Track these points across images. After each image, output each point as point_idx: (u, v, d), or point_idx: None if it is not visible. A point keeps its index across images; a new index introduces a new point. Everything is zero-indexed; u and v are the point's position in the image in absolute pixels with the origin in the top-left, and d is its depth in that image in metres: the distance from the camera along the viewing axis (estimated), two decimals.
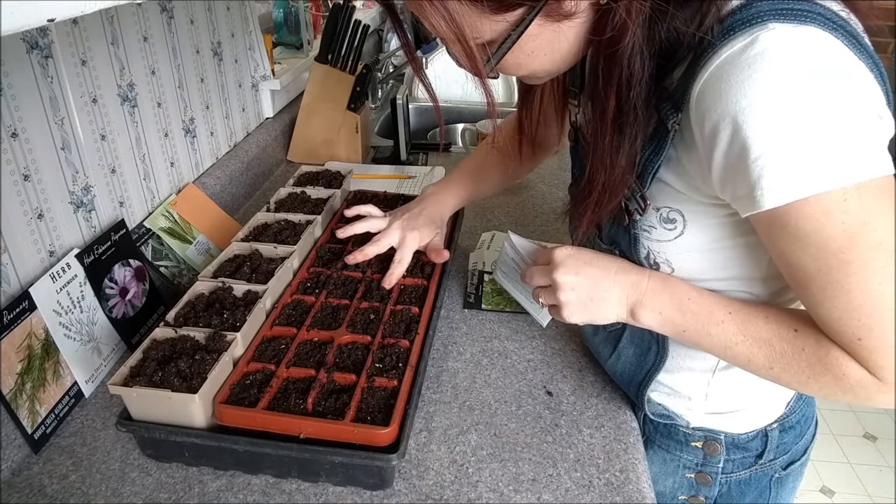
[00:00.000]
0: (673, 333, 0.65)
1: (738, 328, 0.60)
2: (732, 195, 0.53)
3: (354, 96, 1.47)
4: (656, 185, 0.60)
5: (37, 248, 0.78)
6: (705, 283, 0.64)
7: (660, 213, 0.62)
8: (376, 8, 2.40)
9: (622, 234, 0.67)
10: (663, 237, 0.63)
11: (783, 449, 0.76)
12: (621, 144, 0.57)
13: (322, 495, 0.68)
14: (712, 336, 0.62)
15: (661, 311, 0.64)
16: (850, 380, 0.55)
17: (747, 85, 0.47)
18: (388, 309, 0.84)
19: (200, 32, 1.17)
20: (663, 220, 0.62)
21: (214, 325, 0.78)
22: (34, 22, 0.36)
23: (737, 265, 0.62)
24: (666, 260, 0.64)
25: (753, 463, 0.76)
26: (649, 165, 0.59)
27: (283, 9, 1.59)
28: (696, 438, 0.76)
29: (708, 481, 0.77)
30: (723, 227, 0.60)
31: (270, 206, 1.09)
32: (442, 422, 0.77)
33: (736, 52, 0.48)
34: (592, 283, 0.66)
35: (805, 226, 0.50)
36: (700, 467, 0.77)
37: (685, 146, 0.56)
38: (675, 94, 0.54)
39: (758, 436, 0.74)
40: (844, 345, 0.55)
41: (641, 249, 0.65)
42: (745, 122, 0.48)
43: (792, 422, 0.76)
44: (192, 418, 0.68)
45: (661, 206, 0.61)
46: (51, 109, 0.79)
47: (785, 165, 0.48)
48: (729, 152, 0.50)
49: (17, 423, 0.71)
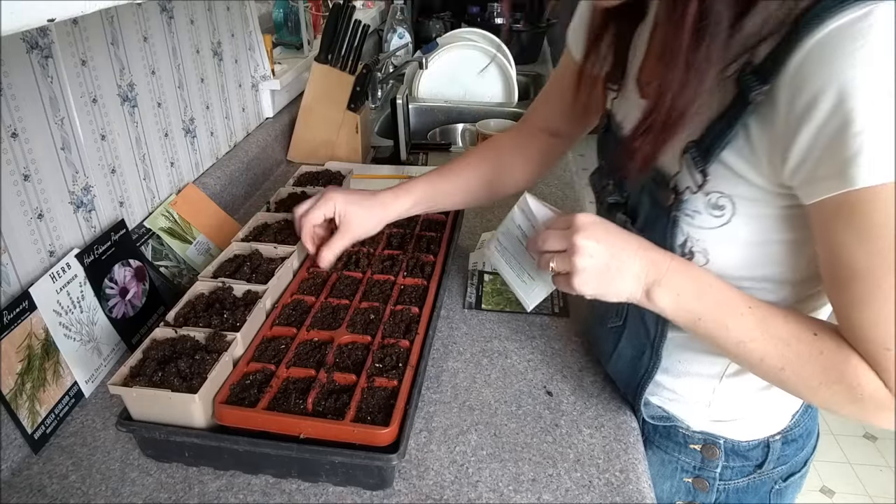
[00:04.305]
0: (686, 321, 0.61)
1: (757, 324, 0.58)
2: (809, 176, 0.51)
3: (354, 96, 1.47)
4: (713, 166, 0.58)
5: (37, 248, 0.78)
6: (736, 281, 0.62)
7: (709, 198, 0.59)
8: (376, 8, 2.40)
9: (660, 216, 0.64)
10: (707, 224, 0.60)
11: (784, 460, 0.75)
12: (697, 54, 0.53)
13: (322, 495, 0.68)
14: (729, 329, 0.59)
15: (679, 293, 0.60)
16: (864, 390, 0.54)
17: (858, 55, 0.45)
18: (388, 309, 0.84)
19: (200, 32, 1.17)
20: (711, 205, 0.59)
21: (214, 325, 0.78)
22: (34, 22, 0.36)
23: (773, 265, 0.61)
24: (703, 249, 0.62)
25: (752, 472, 0.75)
26: (718, 140, 0.56)
27: (283, 9, 1.59)
28: (695, 441, 0.76)
29: (705, 487, 0.77)
30: (770, 219, 0.58)
31: (270, 206, 1.09)
32: (442, 422, 0.77)
33: (847, 23, 0.46)
34: (613, 253, 0.61)
35: (876, 217, 0.48)
36: (698, 471, 0.77)
37: (761, 122, 0.53)
38: (764, 66, 0.52)
39: (759, 445, 0.74)
40: (870, 352, 0.53)
41: (679, 235, 0.62)
42: (851, 93, 0.46)
43: (795, 434, 0.75)
44: (192, 418, 0.68)
45: (712, 191, 0.59)
46: (51, 109, 0.79)
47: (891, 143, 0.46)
48: (825, 125, 0.48)
49: (17, 423, 0.71)
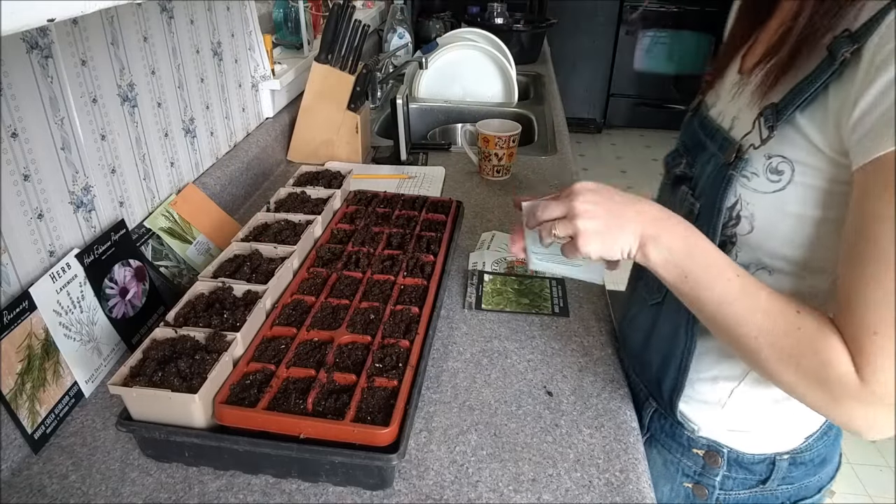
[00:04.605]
0: (674, 277, 0.62)
1: (741, 290, 0.59)
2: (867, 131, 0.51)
3: (354, 96, 1.47)
4: (784, 128, 0.59)
5: (37, 248, 0.78)
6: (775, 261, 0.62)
7: (770, 161, 0.60)
8: (376, 8, 2.40)
9: (716, 176, 0.65)
10: (762, 188, 0.62)
11: (790, 481, 0.74)
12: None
13: (322, 495, 0.68)
14: (712, 290, 0.60)
15: (671, 250, 0.61)
16: (834, 370, 0.54)
17: None
18: (388, 309, 0.84)
19: (200, 32, 1.17)
20: (770, 169, 0.61)
21: (214, 325, 0.78)
22: (34, 22, 0.37)
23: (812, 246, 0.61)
24: (750, 215, 0.63)
25: (755, 486, 0.74)
26: (796, 98, 0.57)
27: (283, 9, 1.59)
28: (699, 445, 0.75)
29: (704, 494, 0.76)
30: (821, 193, 0.58)
31: (270, 206, 1.09)
32: (442, 422, 0.77)
33: None
34: (611, 211, 0.63)
35: None
36: (698, 477, 0.76)
37: (840, 83, 0.55)
38: (858, 32, 0.53)
39: (765, 461, 0.73)
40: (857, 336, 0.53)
41: (731, 196, 0.63)
42: None
43: (806, 458, 0.74)
44: (192, 418, 0.68)
45: (774, 155, 0.60)
46: (51, 109, 0.79)
47: None
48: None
49: (17, 423, 0.71)
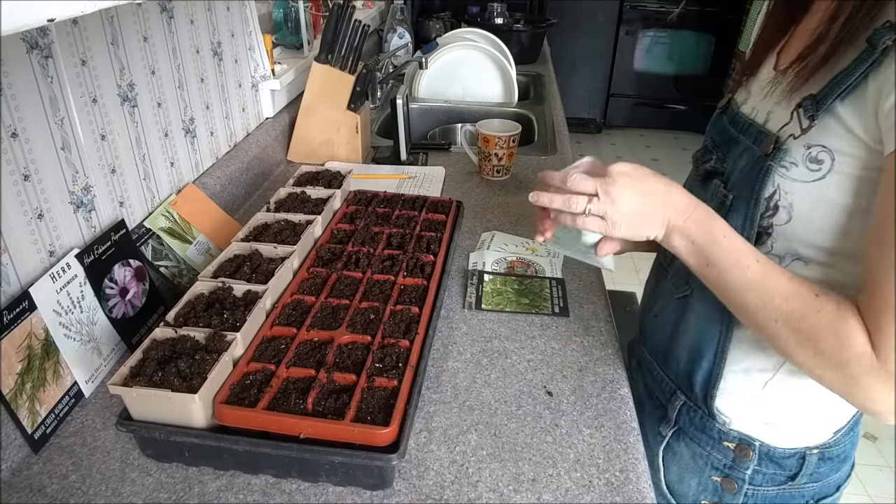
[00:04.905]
0: (697, 264, 0.66)
1: (762, 275, 0.61)
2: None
3: (354, 96, 1.47)
4: (824, 117, 0.60)
5: (37, 248, 0.78)
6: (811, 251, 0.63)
7: (809, 151, 0.61)
8: (376, 8, 2.40)
9: (751, 168, 0.66)
10: (801, 177, 0.62)
11: (817, 477, 0.74)
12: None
13: (322, 495, 0.68)
14: (734, 275, 0.63)
15: (694, 239, 0.65)
16: (852, 350, 0.56)
17: None
18: (388, 309, 0.84)
19: (200, 32, 1.17)
20: (810, 158, 0.61)
21: (214, 325, 0.78)
22: (34, 22, 0.36)
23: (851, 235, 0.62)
24: (789, 204, 0.64)
25: (784, 482, 0.74)
26: (836, 88, 0.58)
27: (283, 9, 1.59)
28: (730, 438, 0.75)
29: (733, 488, 0.76)
30: (861, 181, 0.59)
31: (270, 206, 1.09)
32: (442, 422, 0.77)
33: None
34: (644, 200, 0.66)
35: None
36: (728, 470, 0.76)
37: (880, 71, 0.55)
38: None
39: (795, 455, 0.73)
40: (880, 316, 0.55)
41: (769, 186, 0.64)
42: None
43: (832, 453, 0.74)
44: (192, 418, 0.68)
45: (814, 145, 0.61)
46: (51, 109, 0.79)
47: None
48: None
49: (17, 423, 0.71)
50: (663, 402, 0.84)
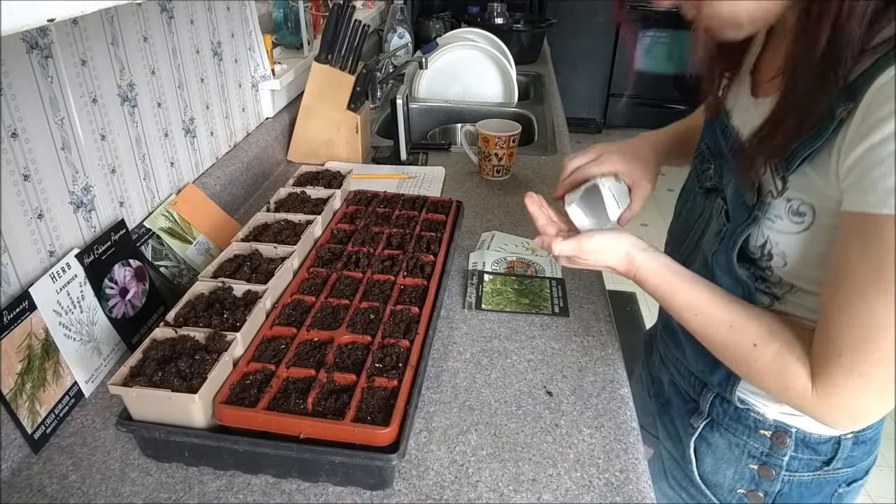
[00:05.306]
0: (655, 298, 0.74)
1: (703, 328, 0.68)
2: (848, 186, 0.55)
3: (354, 96, 1.47)
4: (796, 174, 0.61)
5: (37, 248, 0.78)
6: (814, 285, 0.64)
7: (790, 204, 0.62)
8: (376, 8, 2.40)
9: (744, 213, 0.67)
10: (787, 229, 0.63)
11: (850, 462, 0.75)
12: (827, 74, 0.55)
13: (322, 495, 0.68)
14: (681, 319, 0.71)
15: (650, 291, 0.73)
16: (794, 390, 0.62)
17: None
18: (388, 309, 0.84)
19: (200, 32, 1.17)
20: (792, 211, 0.62)
21: (214, 325, 0.78)
22: (34, 22, 0.36)
23: None
24: (782, 252, 0.65)
25: (819, 468, 0.75)
26: (801, 150, 0.59)
27: (283, 9, 1.59)
28: (766, 427, 0.75)
29: (770, 475, 0.76)
30: None
31: (270, 206, 1.09)
32: (442, 422, 0.77)
33: None
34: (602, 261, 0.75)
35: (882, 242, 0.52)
36: (765, 458, 0.76)
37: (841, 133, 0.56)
38: (856, 83, 0.54)
39: (830, 441, 0.73)
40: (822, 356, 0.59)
41: (759, 237, 0.66)
42: None
43: (866, 437, 0.74)
44: (191, 418, 0.68)
45: (794, 198, 0.62)
46: (51, 109, 0.79)
47: None
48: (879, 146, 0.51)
49: (17, 423, 0.71)
50: (693, 395, 0.84)
